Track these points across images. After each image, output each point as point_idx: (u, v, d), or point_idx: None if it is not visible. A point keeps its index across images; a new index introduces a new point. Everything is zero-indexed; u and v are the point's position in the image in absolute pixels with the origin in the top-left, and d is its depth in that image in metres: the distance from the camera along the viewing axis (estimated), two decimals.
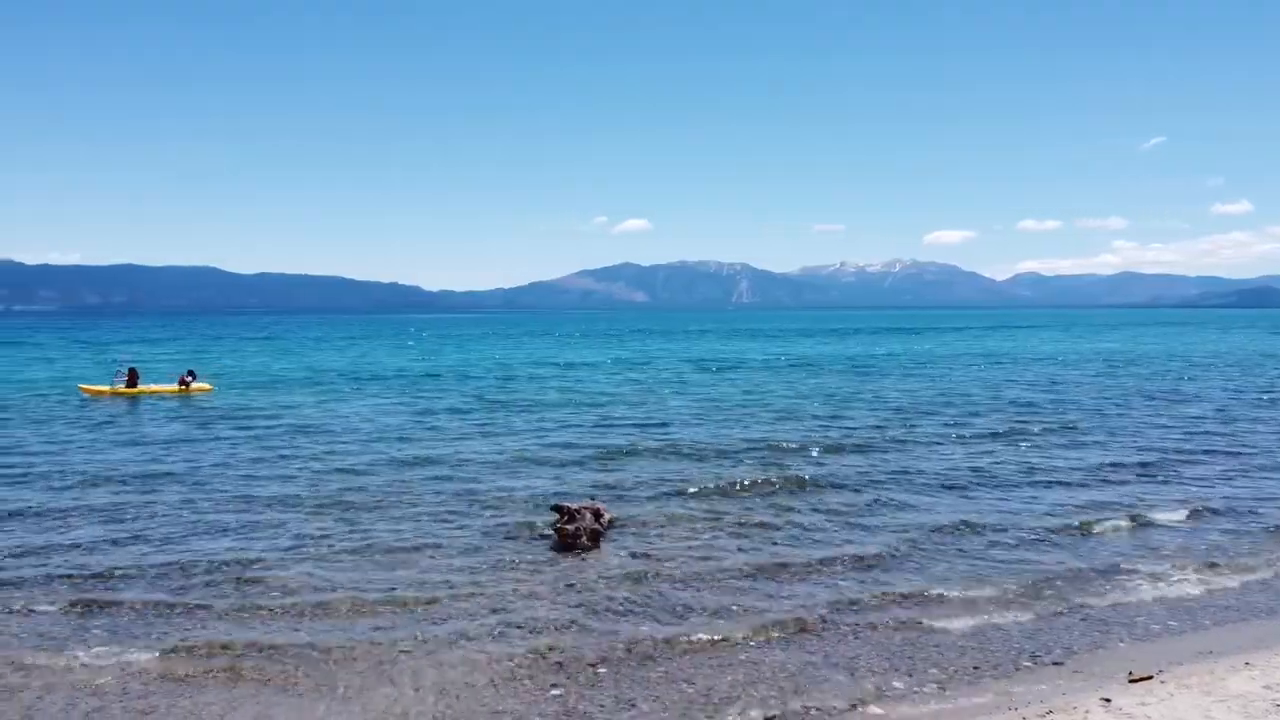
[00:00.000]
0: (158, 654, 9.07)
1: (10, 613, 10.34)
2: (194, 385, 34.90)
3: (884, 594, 10.93)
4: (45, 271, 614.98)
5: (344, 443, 22.52)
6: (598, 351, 70.34)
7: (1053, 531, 13.78)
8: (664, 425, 25.38)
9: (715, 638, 9.56)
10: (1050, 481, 17.52)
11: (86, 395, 33.78)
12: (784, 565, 12.08)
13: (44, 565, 12.13)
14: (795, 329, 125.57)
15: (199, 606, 10.50)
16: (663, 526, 14.03)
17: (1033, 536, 13.55)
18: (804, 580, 11.50)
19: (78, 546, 13.03)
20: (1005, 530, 13.87)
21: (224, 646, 9.27)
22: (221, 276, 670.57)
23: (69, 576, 11.61)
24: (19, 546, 13.06)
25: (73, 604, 10.56)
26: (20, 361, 58.62)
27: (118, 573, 11.74)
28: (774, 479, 17.43)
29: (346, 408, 30.76)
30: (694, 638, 9.54)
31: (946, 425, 25.22)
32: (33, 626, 9.92)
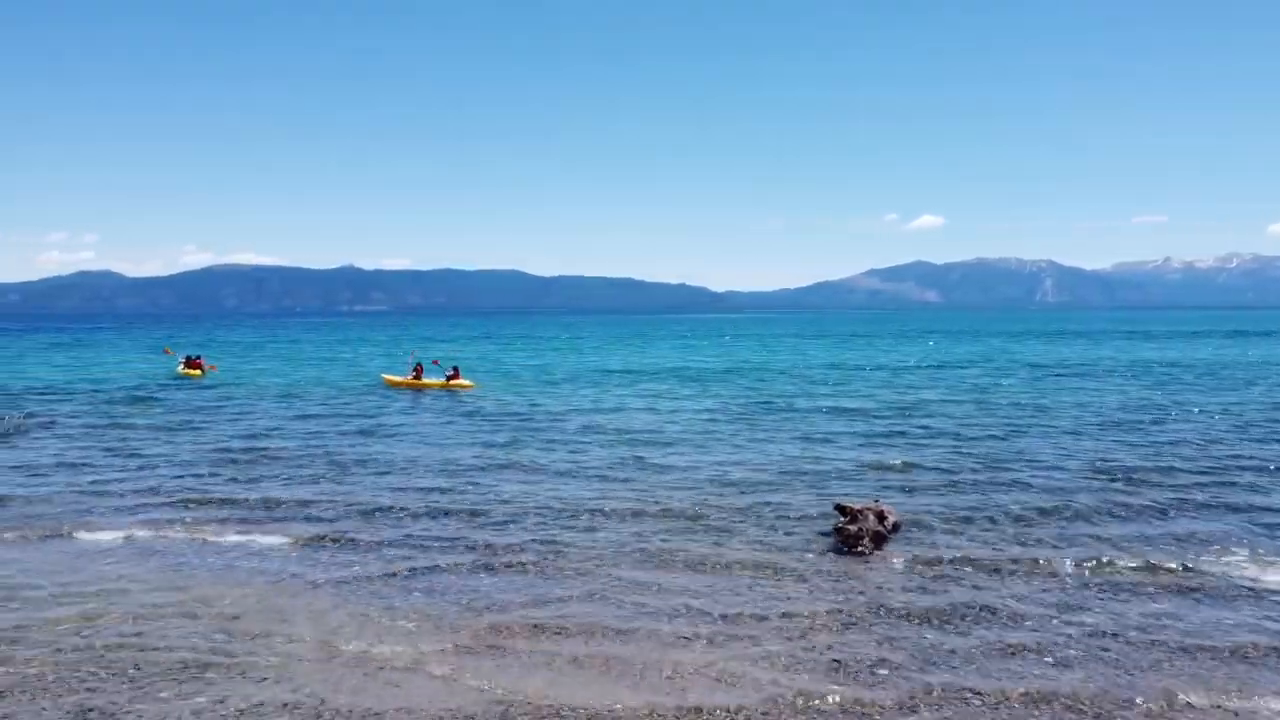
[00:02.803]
0: (466, 631, 10.06)
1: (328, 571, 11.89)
2: (457, 381, 37.14)
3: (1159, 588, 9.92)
4: (379, 276, 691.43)
5: (615, 441, 22.99)
6: (889, 354, 68.18)
7: None
8: (962, 433, 23.76)
9: (1008, 644, 9.16)
10: None
11: (387, 384, 38.35)
12: (1082, 581, 11.31)
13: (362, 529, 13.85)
14: (1120, 330, 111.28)
15: (496, 594, 11.53)
16: (951, 535, 13.49)
17: None
18: (1095, 607, 10.66)
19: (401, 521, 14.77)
20: None
21: (522, 625, 10.04)
22: (525, 279, 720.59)
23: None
24: (357, 521, 14.96)
25: (390, 574, 11.99)
26: (363, 353, 66.58)
27: (434, 547, 13.18)
28: (1086, 503, 15.90)
29: (622, 408, 31.20)
30: (982, 644, 9.19)
31: None
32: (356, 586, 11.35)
